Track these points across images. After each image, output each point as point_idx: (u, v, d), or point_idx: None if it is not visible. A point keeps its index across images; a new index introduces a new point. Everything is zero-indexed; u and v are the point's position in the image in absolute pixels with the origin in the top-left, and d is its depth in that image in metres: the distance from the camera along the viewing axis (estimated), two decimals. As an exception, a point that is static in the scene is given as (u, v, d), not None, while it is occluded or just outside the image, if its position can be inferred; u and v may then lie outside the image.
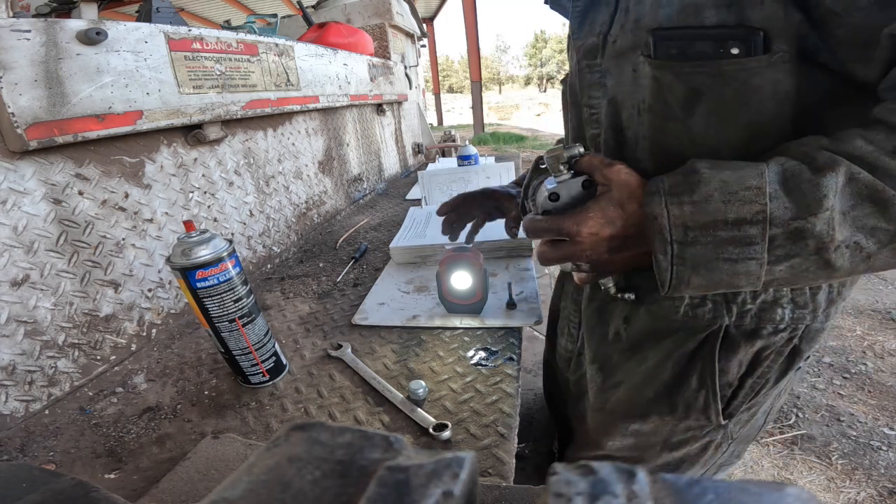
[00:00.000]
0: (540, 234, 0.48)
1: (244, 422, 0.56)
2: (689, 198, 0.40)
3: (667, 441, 0.67)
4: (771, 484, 0.13)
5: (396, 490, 0.13)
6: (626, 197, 0.44)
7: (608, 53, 0.54)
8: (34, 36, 0.57)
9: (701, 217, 0.40)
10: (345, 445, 0.16)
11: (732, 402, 0.60)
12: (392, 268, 0.95)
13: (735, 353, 0.56)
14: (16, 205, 0.59)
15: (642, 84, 0.50)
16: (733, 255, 0.40)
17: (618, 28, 0.52)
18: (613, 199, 0.44)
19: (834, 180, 0.37)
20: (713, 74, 0.44)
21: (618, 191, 0.45)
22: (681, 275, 0.42)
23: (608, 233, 0.44)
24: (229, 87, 0.90)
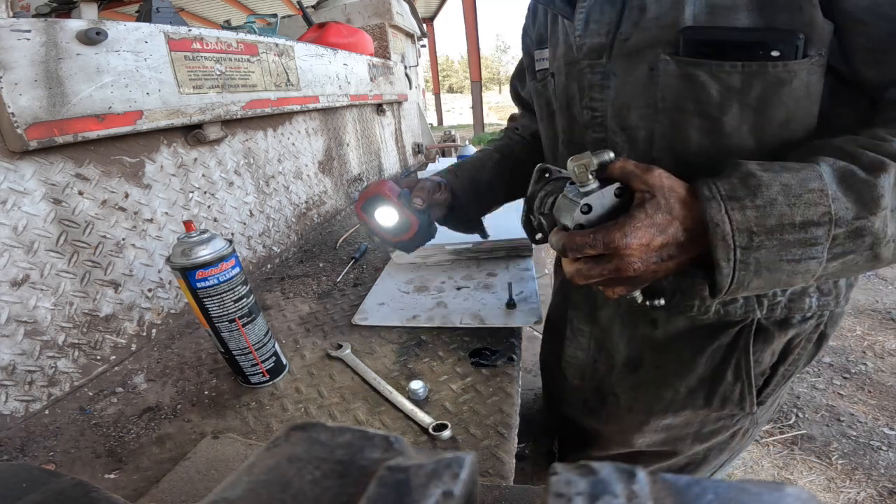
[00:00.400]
0: (582, 251, 0.43)
1: (244, 422, 0.56)
2: (751, 202, 0.39)
3: (698, 433, 0.68)
4: (771, 484, 0.13)
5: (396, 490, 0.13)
6: (673, 202, 0.42)
7: (616, 52, 0.53)
8: (34, 36, 0.57)
9: (767, 221, 0.39)
10: (345, 445, 0.16)
11: (764, 391, 0.62)
12: (392, 268, 0.95)
13: (769, 344, 0.58)
14: (16, 205, 0.59)
15: (663, 82, 0.49)
16: (797, 255, 0.40)
17: (629, 26, 0.51)
18: (661, 206, 0.41)
19: (888, 180, 0.38)
20: (752, 74, 0.44)
21: (663, 196, 0.42)
22: (742, 279, 0.41)
23: (660, 241, 0.41)
24: (229, 87, 0.90)
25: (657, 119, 0.52)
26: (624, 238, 0.41)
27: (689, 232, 0.42)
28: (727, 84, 0.46)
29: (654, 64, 0.49)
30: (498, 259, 0.93)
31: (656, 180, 0.42)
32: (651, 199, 0.42)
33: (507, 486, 0.43)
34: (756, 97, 0.45)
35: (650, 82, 0.51)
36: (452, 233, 0.99)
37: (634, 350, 0.67)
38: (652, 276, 0.44)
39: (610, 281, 0.44)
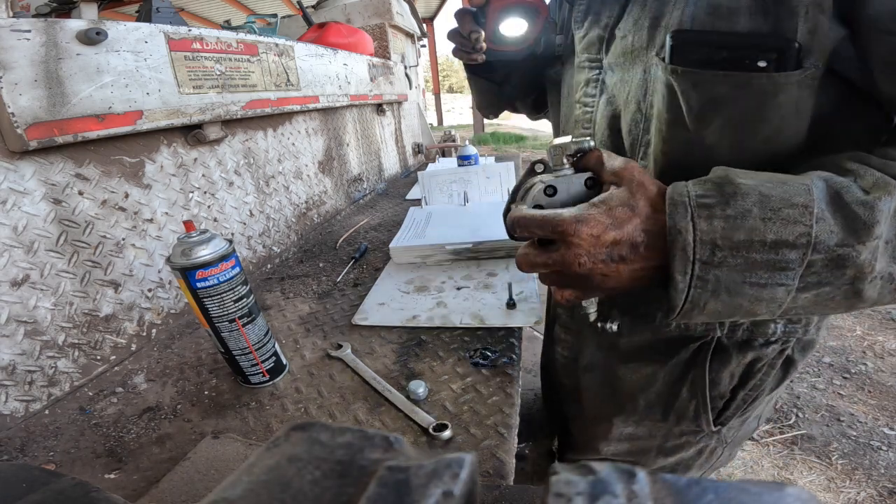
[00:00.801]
0: (528, 230, 0.39)
1: (244, 422, 0.56)
2: (721, 211, 0.35)
3: (661, 446, 0.67)
4: (771, 484, 0.13)
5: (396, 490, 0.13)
6: (639, 198, 0.38)
7: (613, 49, 0.51)
8: (34, 36, 0.57)
9: (734, 235, 0.34)
10: (345, 445, 0.16)
11: (724, 413, 0.61)
12: (392, 268, 0.95)
13: (726, 365, 0.56)
14: (16, 205, 0.59)
15: (653, 88, 0.47)
16: (762, 279, 0.35)
17: (630, 23, 0.48)
18: (623, 199, 0.38)
19: (889, 205, 0.33)
20: (736, 86, 0.40)
21: (629, 191, 0.38)
22: (697, 299, 0.36)
23: (612, 236, 0.37)
24: (229, 87, 0.90)
25: (644, 126, 0.49)
26: (574, 224, 0.37)
27: (649, 235, 0.37)
28: (709, 95, 0.42)
29: (647, 66, 0.47)
30: (498, 259, 0.93)
31: (626, 172, 0.39)
32: (617, 189, 0.39)
33: (507, 486, 0.43)
34: (740, 112, 0.42)
35: (643, 86, 0.48)
36: (452, 233, 0.99)
37: (600, 356, 0.67)
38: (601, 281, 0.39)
39: (557, 277, 0.41)
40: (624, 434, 0.69)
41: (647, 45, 0.46)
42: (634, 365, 0.62)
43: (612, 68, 0.52)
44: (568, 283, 0.41)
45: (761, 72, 0.39)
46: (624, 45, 0.49)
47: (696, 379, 0.58)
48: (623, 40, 0.49)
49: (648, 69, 0.47)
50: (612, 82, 0.52)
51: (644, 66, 0.47)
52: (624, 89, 0.51)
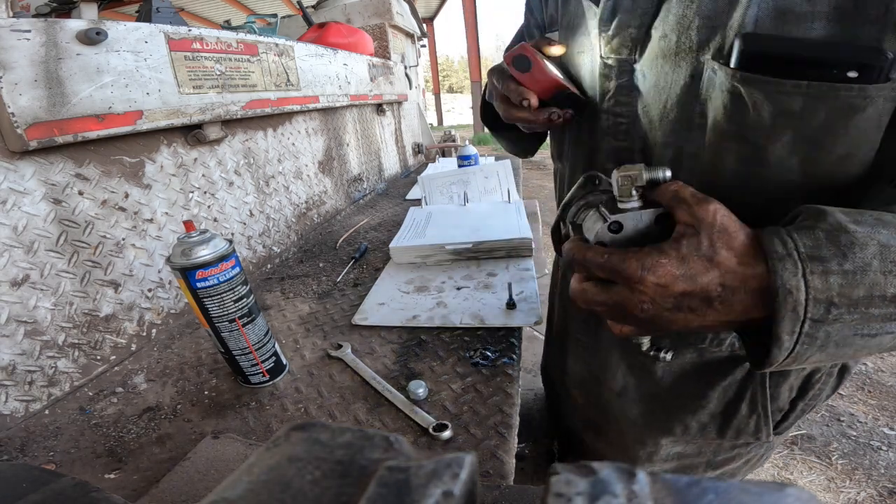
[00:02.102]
0: (588, 269, 0.37)
1: (244, 422, 0.56)
2: (838, 266, 0.31)
3: (711, 461, 0.65)
4: (771, 484, 0.13)
5: (396, 490, 0.13)
6: (720, 247, 0.34)
7: (650, 50, 0.45)
8: (34, 36, 0.57)
9: (853, 292, 0.31)
10: (345, 445, 0.16)
11: (783, 423, 0.59)
12: (392, 268, 0.95)
13: (786, 378, 0.54)
14: (16, 205, 0.59)
15: (707, 94, 0.42)
16: (874, 330, 0.33)
17: (672, 21, 0.43)
18: (700, 247, 0.34)
19: None
20: (817, 98, 0.36)
21: (708, 237, 0.34)
22: (801, 354, 0.33)
23: (682, 288, 0.34)
24: (229, 87, 0.90)
25: (690, 137, 0.45)
26: (639, 270, 0.34)
27: (729, 290, 0.34)
28: (784, 107, 0.38)
29: (696, 71, 0.42)
30: (498, 259, 0.93)
31: (707, 215, 0.34)
32: (692, 235, 0.35)
33: (507, 486, 0.43)
34: (817, 126, 0.38)
35: (688, 92, 0.43)
36: (452, 233, 0.99)
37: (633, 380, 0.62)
38: (665, 325, 0.37)
39: (615, 314, 0.39)
40: (671, 454, 0.65)
41: (699, 47, 0.41)
42: (680, 388, 0.58)
43: (643, 72, 0.47)
44: (627, 321, 0.38)
45: (851, 83, 0.35)
46: (664, 46, 0.44)
47: (756, 396, 0.55)
48: (663, 41, 0.44)
49: (699, 73, 0.42)
50: (645, 88, 0.47)
51: (692, 69, 0.42)
52: (660, 95, 0.46)
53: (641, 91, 0.48)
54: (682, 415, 0.59)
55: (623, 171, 0.37)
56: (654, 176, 0.37)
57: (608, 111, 0.51)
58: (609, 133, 0.52)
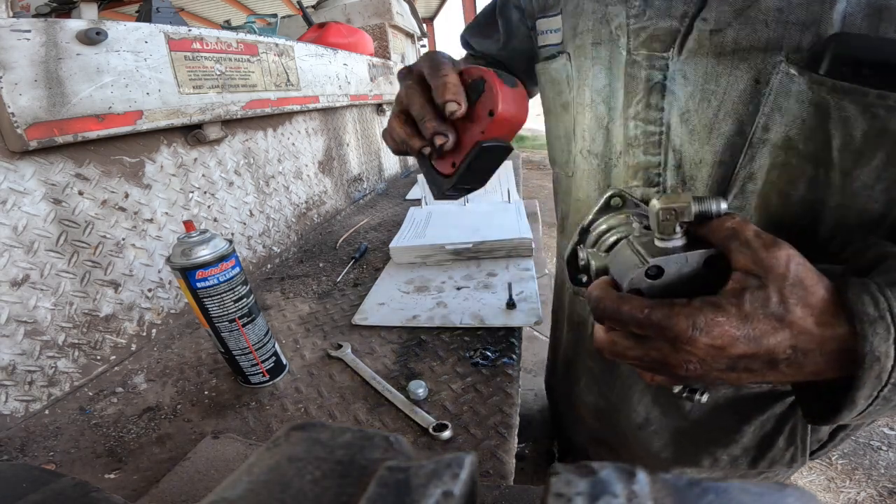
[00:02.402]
0: (625, 326, 0.31)
1: (244, 422, 0.56)
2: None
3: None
4: (772, 484, 0.13)
5: (396, 490, 0.13)
6: (794, 304, 0.28)
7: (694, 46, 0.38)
8: (34, 36, 0.57)
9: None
10: (345, 445, 0.16)
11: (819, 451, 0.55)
12: (392, 268, 0.95)
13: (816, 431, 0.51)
14: (16, 205, 0.59)
15: (776, 105, 0.35)
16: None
17: (729, 12, 0.36)
18: (770, 304, 0.28)
19: None
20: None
21: (778, 291, 0.28)
22: (870, 413, 0.30)
23: (742, 350, 0.28)
24: (229, 87, 0.90)
25: (749, 153, 0.38)
26: (690, 330, 0.28)
27: (800, 352, 0.28)
28: (883, 124, 0.32)
29: (763, 75, 0.35)
30: (498, 259, 0.93)
31: (778, 263, 0.28)
32: (758, 288, 0.28)
33: (507, 486, 0.43)
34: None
35: (749, 101, 0.36)
36: (452, 233, 0.99)
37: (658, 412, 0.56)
38: (711, 383, 0.32)
39: (651, 368, 0.33)
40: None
41: (768, 46, 0.34)
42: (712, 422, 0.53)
43: (683, 73, 0.39)
44: (663, 373, 0.33)
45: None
46: (718, 43, 0.37)
47: (796, 429, 0.50)
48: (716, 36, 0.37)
49: (765, 78, 0.35)
50: (685, 92, 0.40)
51: (756, 72, 0.36)
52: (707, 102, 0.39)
53: (679, 95, 0.40)
54: (713, 448, 0.54)
55: (666, 203, 0.30)
56: (706, 209, 0.30)
57: (635, 117, 0.43)
58: (635, 144, 0.44)
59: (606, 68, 0.45)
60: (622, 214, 0.39)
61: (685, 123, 0.41)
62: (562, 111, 0.53)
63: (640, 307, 0.30)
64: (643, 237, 0.33)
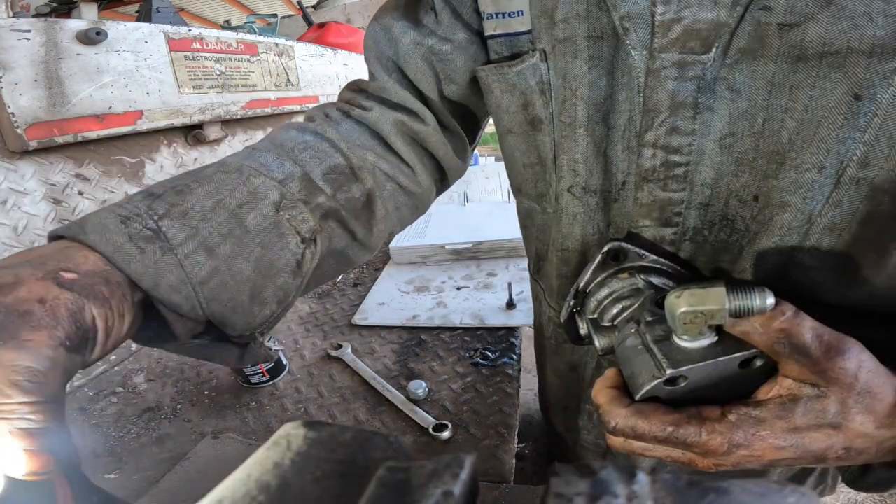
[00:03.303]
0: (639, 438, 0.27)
1: (244, 422, 0.56)
2: None
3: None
4: (772, 485, 0.13)
5: (396, 490, 0.13)
6: (855, 413, 0.24)
7: (751, 46, 0.28)
8: (34, 36, 0.57)
9: None
10: (345, 445, 0.16)
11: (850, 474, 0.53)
12: (392, 268, 0.95)
13: None
14: (16, 205, 0.59)
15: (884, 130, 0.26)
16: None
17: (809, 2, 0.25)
18: (827, 415, 0.24)
19: None
20: None
21: (842, 402, 0.24)
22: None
23: (783, 457, 0.25)
24: (229, 87, 0.90)
25: (834, 197, 0.28)
26: (726, 447, 0.25)
27: (855, 452, 0.25)
28: None
29: (866, 89, 0.26)
30: (498, 259, 0.93)
31: (846, 376, 0.24)
32: (815, 398, 0.24)
33: (507, 486, 0.43)
34: None
35: (843, 123, 0.27)
36: (452, 233, 0.99)
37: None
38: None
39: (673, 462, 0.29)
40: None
41: (874, 49, 0.25)
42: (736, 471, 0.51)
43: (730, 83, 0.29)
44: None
45: None
46: (794, 42, 0.26)
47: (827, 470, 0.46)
48: (791, 33, 0.26)
49: (872, 94, 0.26)
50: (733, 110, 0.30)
51: (856, 85, 0.26)
52: (780, 124, 0.29)
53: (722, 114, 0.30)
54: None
55: (691, 304, 0.24)
56: (745, 307, 0.23)
57: (655, 144, 0.32)
58: (653, 178, 0.33)
59: (608, 73, 0.33)
60: (624, 274, 0.33)
61: (727, 151, 0.31)
62: (529, 130, 0.40)
63: (662, 424, 0.25)
64: (657, 328, 0.27)
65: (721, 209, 0.33)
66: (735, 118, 0.30)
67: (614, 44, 0.32)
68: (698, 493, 0.12)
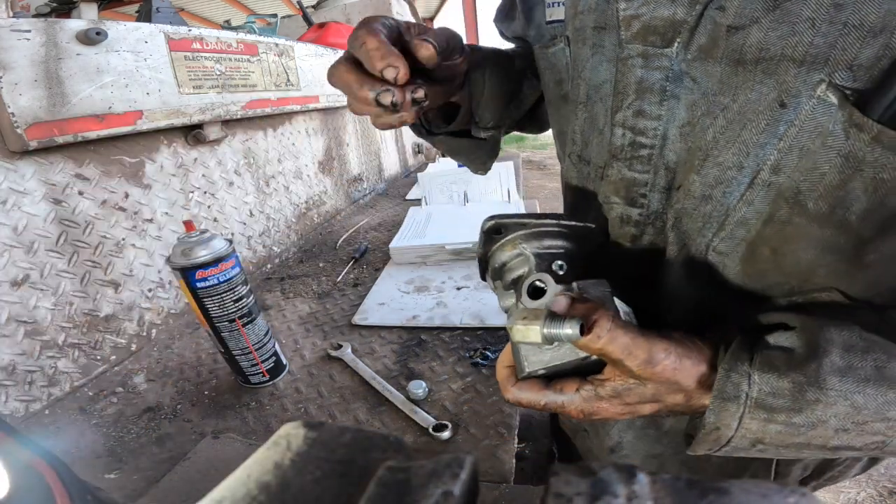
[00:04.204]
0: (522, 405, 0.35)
1: (244, 422, 0.56)
2: (786, 417, 0.28)
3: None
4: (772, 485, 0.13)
5: (396, 490, 0.13)
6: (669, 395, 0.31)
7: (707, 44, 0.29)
8: (34, 36, 0.57)
9: (790, 440, 0.29)
10: (345, 445, 0.16)
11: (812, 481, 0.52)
12: (392, 268, 0.95)
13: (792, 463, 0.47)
14: (16, 205, 0.59)
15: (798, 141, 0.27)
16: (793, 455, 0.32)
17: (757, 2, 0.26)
18: (647, 395, 0.31)
19: None
20: None
21: (656, 388, 0.31)
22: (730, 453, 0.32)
23: (621, 415, 0.33)
24: (229, 87, 0.90)
25: (746, 196, 0.31)
26: (581, 415, 0.33)
27: (672, 411, 0.33)
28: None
29: (790, 97, 0.26)
30: (498, 259, 0.93)
31: (655, 376, 0.29)
32: (639, 386, 0.31)
33: (507, 486, 0.43)
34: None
35: (765, 128, 0.28)
36: (452, 233, 0.99)
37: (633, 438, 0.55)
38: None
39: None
40: None
41: (807, 58, 0.25)
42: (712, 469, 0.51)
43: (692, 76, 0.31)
44: None
45: None
46: (737, 45, 0.28)
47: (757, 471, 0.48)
48: (736, 35, 0.27)
49: (795, 103, 0.26)
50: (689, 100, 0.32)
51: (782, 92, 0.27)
52: (714, 120, 0.31)
53: (684, 103, 0.32)
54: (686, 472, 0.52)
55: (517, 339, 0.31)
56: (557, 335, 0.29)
57: (623, 124, 0.35)
58: (620, 156, 0.36)
59: (609, 60, 0.36)
60: (509, 245, 0.36)
61: (684, 139, 0.33)
62: (561, 104, 0.45)
63: (537, 398, 0.33)
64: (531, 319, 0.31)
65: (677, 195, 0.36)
66: (690, 108, 0.32)
67: (615, 34, 0.34)
68: (698, 493, 0.12)
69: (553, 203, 4.55)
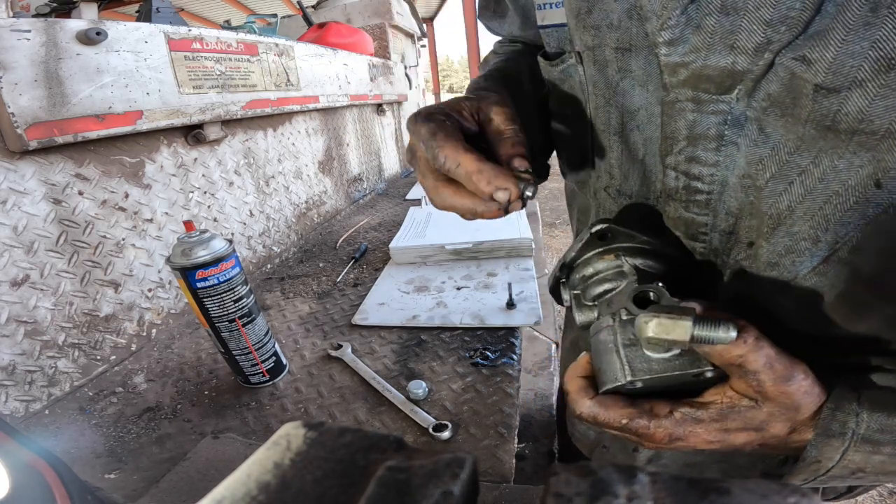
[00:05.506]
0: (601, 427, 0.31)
1: (244, 422, 0.56)
2: (892, 449, 0.27)
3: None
4: (773, 485, 0.13)
5: (396, 490, 0.13)
6: (776, 422, 0.28)
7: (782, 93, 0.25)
8: (34, 36, 0.57)
9: (892, 467, 0.28)
10: (345, 445, 0.16)
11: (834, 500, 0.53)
12: (392, 268, 0.95)
13: None
14: (16, 205, 0.59)
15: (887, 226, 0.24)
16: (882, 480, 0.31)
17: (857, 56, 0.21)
18: (755, 421, 0.28)
19: None
20: None
21: (770, 413, 0.27)
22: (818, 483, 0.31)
23: (707, 446, 0.29)
24: (229, 87, 0.90)
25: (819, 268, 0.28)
26: (667, 440, 0.29)
27: (766, 447, 0.30)
28: None
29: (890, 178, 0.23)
30: (498, 259, 0.93)
31: (786, 397, 0.27)
32: (749, 409, 0.28)
33: (507, 486, 0.43)
34: None
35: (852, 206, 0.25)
36: (452, 233, 0.99)
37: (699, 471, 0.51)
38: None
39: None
40: None
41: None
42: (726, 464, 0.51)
43: (760, 125, 0.27)
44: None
45: None
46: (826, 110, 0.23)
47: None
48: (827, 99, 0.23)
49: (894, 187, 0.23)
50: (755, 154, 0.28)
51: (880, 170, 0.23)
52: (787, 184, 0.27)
53: (744, 151, 0.28)
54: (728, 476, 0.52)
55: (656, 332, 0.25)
56: (707, 337, 0.25)
57: (675, 167, 0.32)
58: (676, 197, 0.34)
59: (641, 86, 0.32)
60: (610, 255, 0.34)
61: (745, 191, 0.30)
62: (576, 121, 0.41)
63: (619, 417, 0.29)
64: (630, 330, 0.29)
65: (746, 237, 0.32)
66: (752, 162, 0.28)
67: (646, 56, 0.31)
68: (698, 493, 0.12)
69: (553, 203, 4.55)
